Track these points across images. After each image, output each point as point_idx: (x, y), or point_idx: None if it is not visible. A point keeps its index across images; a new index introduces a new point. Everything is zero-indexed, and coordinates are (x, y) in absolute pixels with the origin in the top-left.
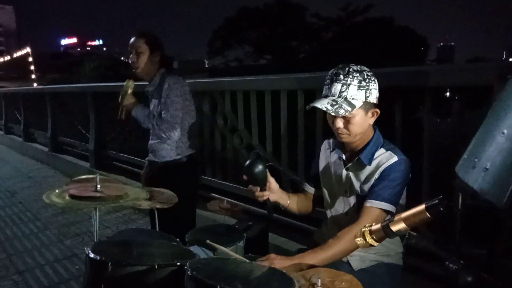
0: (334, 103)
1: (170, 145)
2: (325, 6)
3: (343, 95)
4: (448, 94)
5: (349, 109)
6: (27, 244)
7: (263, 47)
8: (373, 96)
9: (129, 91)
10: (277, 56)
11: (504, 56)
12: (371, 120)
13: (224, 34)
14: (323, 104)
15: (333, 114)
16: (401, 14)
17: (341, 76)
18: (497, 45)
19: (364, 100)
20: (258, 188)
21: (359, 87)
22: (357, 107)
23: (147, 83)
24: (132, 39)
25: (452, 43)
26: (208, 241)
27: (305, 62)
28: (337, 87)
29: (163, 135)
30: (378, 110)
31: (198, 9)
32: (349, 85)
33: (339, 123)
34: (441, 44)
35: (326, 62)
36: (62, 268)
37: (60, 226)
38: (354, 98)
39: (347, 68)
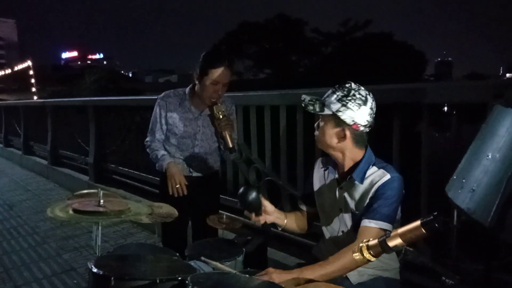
0: (313, 100)
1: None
2: (325, 21)
3: (323, 98)
4: (446, 108)
5: (317, 110)
6: (25, 258)
7: (263, 61)
8: (346, 115)
9: (221, 115)
10: (276, 70)
11: (501, 72)
12: (335, 141)
13: (224, 48)
14: (306, 97)
15: (303, 105)
16: (399, 29)
17: (337, 86)
18: (495, 61)
19: (334, 111)
20: (254, 214)
21: (338, 99)
22: (324, 113)
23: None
24: (223, 70)
25: (449, 59)
26: (203, 258)
27: (305, 77)
28: (328, 92)
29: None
30: (347, 135)
31: (198, 23)
32: (333, 93)
33: (316, 127)
34: (439, 59)
35: (325, 76)
36: (60, 283)
37: (59, 240)
38: (327, 106)
39: (348, 84)
